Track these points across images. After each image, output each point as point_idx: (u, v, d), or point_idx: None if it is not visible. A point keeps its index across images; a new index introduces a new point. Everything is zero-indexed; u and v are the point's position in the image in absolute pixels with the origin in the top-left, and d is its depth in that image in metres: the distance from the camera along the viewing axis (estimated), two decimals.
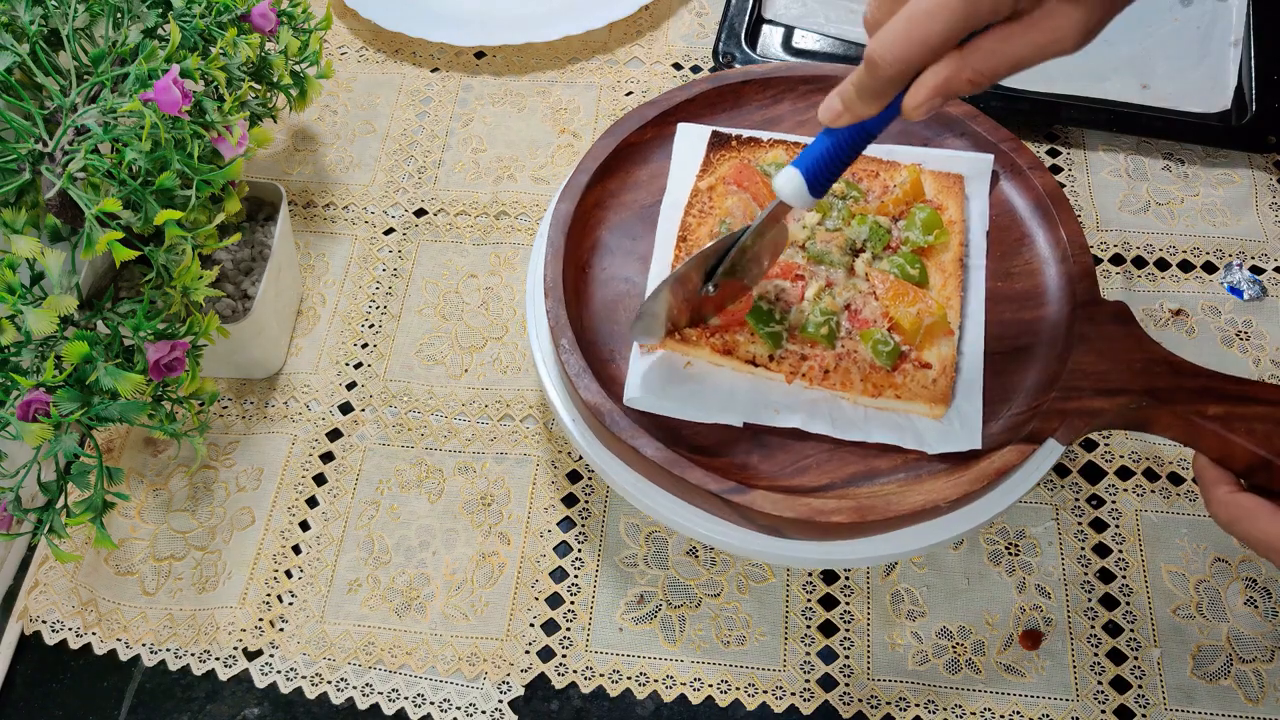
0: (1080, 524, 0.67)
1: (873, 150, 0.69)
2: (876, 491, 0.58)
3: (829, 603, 0.65)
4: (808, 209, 0.55)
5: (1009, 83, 0.84)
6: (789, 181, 0.53)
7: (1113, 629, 0.63)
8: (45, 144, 0.57)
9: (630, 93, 0.88)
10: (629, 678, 0.63)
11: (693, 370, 0.62)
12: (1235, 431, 0.55)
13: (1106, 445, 0.70)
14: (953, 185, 0.67)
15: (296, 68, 0.76)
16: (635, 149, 0.71)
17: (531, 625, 0.64)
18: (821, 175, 0.53)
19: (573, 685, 0.63)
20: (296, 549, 0.67)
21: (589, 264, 0.67)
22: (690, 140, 0.70)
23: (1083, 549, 0.66)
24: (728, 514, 0.58)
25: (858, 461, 0.59)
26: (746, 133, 0.70)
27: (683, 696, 0.62)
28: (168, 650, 0.64)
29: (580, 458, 0.70)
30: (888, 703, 0.61)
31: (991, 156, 0.69)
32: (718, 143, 0.70)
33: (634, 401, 0.60)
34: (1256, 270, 0.77)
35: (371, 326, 0.76)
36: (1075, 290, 0.63)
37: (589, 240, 0.67)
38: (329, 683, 0.63)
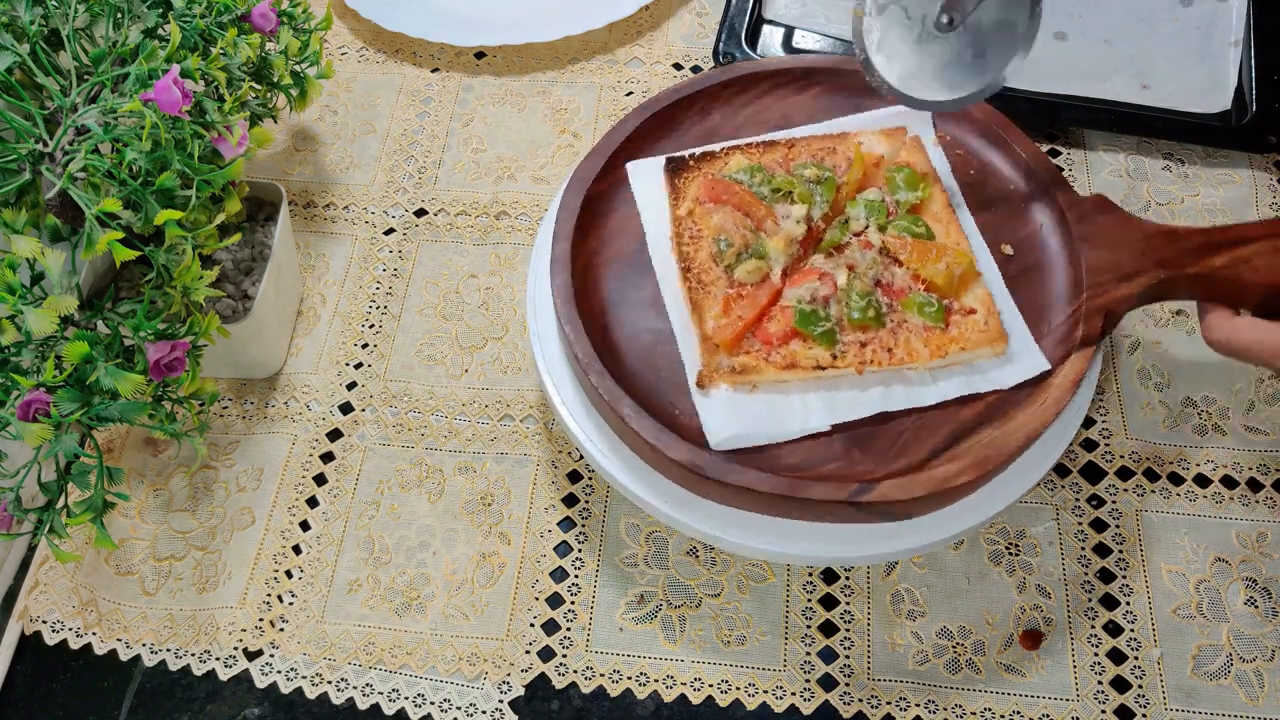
0: (1080, 524, 0.67)
1: (815, 129, 0.71)
2: (980, 442, 0.58)
3: (829, 603, 0.65)
4: None
5: (1011, 83, 0.84)
6: None
7: (1113, 629, 0.63)
8: (45, 144, 0.57)
9: (630, 93, 0.88)
10: (629, 678, 0.63)
11: (761, 394, 0.60)
12: (1242, 273, 0.60)
13: (1107, 445, 0.70)
14: (907, 140, 0.69)
15: (297, 68, 0.76)
16: (598, 200, 0.69)
17: (532, 625, 0.64)
18: None
19: (573, 685, 0.63)
20: (297, 549, 0.67)
21: (608, 326, 0.64)
22: (647, 175, 0.69)
23: (1083, 549, 0.66)
24: (856, 516, 0.58)
25: (946, 421, 0.60)
26: (699, 150, 0.69)
27: (683, 696, 0.62)
28: (168, 650, 0.64)
29: (581, 457, 0.70)
30: (888, 703, 0.61)
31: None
32: (675, 168, 0.68)
33: (723, 444, 0.58)
34: None
35: (372, 326, 0.76)
36: (1054, 196, 0.65)
37: (596, 304, 0.65)
38: (329, 683, 0.63)
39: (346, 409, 0.73)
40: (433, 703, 0.62)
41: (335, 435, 0.72)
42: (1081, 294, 0.62)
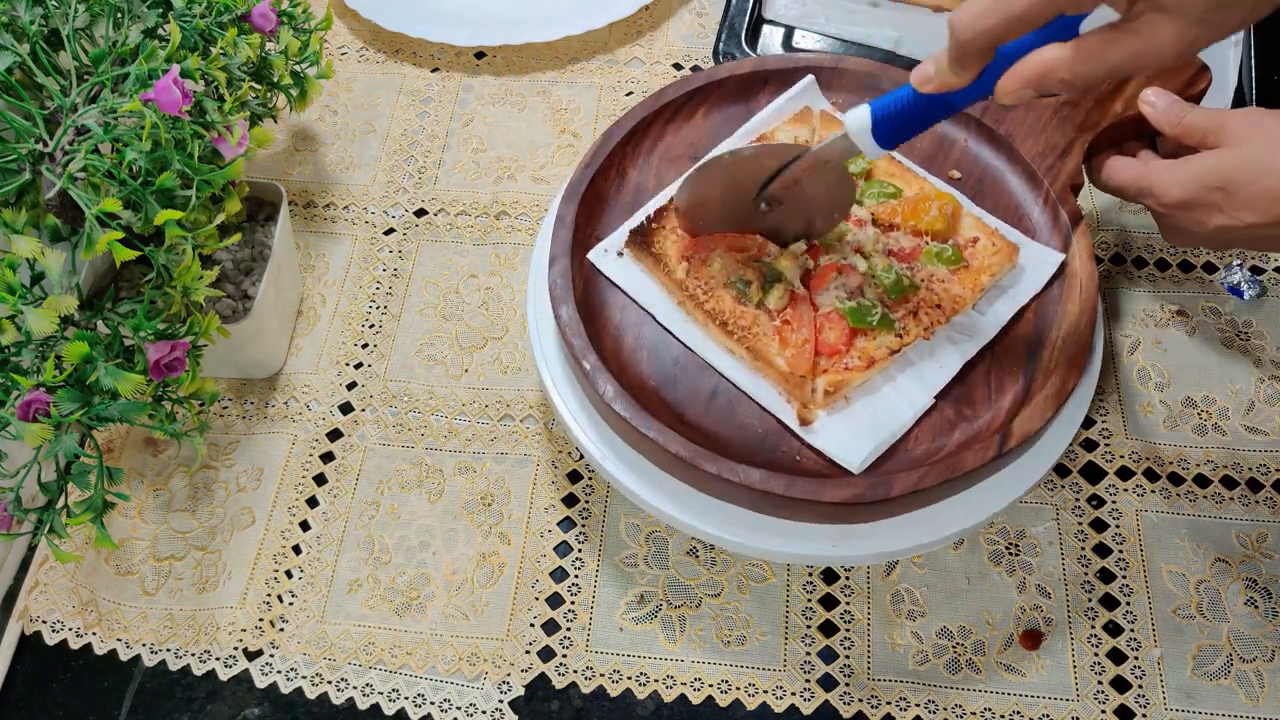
0: (1080, 524, 0.67)
1: (733, 144, 0.70)
2: (1055, 345, 0.61)
3: (829, 603, 0.65)
4: (873, 157, 0.55)
5: None
6: (857, 117, 0.53)
7: (1113, 629, 0.63)
8: (45, 144, 0.57)
9: (630, 93, 0.88)
10: (629, 678, 0.63)
11: (856, 403, 0.60)
12: (1137, 107, 0.64)
13: (1107, 445, 0.70)
14: (818, 117, 0.71)
15: (297, 68, 0.76)
16: (596, 203, 0.68)
17: (532, 625, 0.64)
18: (890, 122, 0.53)
19: (573, 685, 0.63)
20: (297, 549, 0.67)
21: (622, 353, 0.63)
22: (613, 265, 0.66)
23: (1083, 549, 0.66)
24: (1001, 466, 0.59)
25: (1014, 345, 0.62)
26: (651, 210, 0.67)
27: (683, 696, 0.62)
28: (168, 650, 0.64)
29: (581, 457, 0.70)
30: (888, 703, 0.61)
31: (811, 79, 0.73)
32: (640, 242, 0.65)
33: (864, 464, 0.58)
34: (1257, 270, 0.77)
35: (372, 326, 0.76)
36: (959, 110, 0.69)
37: (605, 316, 0.64)
38: (329, 683, 0.63)
39: (346, 409, 0.73)
40: (433, 703, 0.62)
41: (335, 435, 0.72)
42: (1041, 182, 0.67)
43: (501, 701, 0.62)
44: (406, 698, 0.62)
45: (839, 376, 0.59)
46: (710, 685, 0.62)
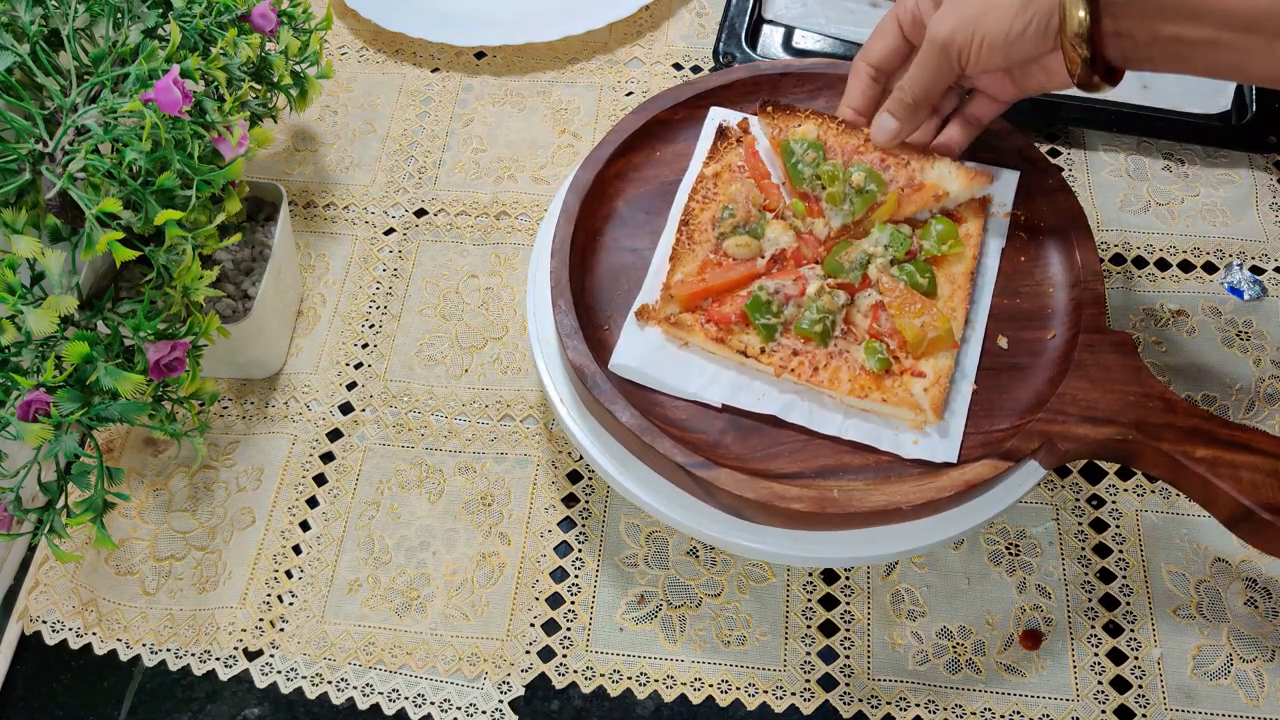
0: (1081, 524, 0.67)
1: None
2: (841, 486, 0.58)
3: (829, 602, 0.65)
4: None
5: None
6: None
7: (1113, 629, 0.63)
8: (45, 144, 0.57)
9: (630, 93, 0.88)
10: (629, 678, 0.63)
11: (685, 352, 0.62)
12: (1221, 477, 0.54)
13: None
14: (977, 197, 0.67)
15: (297, 68, 0.76)
16: (664, 126, 0.71)
17: (532, 625, 0.64)
18: None
19: (573, 685, 0.63)
20: (297, 549, 0.67)
21: (600, 231, 0.68)
22: (713, 125, 0.71)
23: (1083, 549, 0.66)
24: (693, 489, 0.58)
25: (829, 455, 0.59)
26: (794, 102, 0.71)
27: (683, 696, 0.62)
28: (168, 650, 0.64)
29: (581, 457, 0.70)
30: (888, 703, 0.61)
31: (1018, 173, 0.68)
32: (726, 130, 0.70)
33: (619, 368, 0.61)
34: (1257, 270, 0.77)
35: (372, 326, 0.76)
36: (1081, 316, 0.62)
37: (605, 209, 0.68)
38: (329, 683, 0.63)
39: (346, 409, 0.73)
40: (433, 703, 0.62)
41: (335, 435, 0.72)
42: (1037, 413, 0.59)
43: (501, 701, 0.62)
44: (406, 698, 0.62)
45: (689, 321, 0.62)
46: (710, 685, 0.62)
